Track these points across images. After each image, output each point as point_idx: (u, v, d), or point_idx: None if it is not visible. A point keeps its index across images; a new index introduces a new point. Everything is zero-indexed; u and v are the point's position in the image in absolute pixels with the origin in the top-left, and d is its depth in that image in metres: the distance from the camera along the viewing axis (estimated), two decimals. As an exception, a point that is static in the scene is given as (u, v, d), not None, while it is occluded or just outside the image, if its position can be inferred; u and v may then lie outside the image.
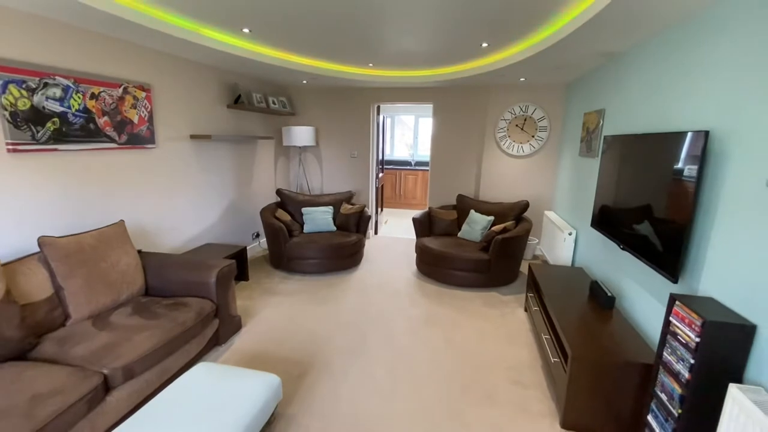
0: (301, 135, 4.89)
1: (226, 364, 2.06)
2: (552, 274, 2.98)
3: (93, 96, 2.55)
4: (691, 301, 1.54)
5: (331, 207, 4.63)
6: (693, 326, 1.46)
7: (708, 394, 1.42)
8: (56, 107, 2.33)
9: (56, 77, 2.31)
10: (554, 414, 2.04)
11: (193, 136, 3.46)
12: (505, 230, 3.72)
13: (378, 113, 5.43)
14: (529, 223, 3.86)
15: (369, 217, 4.49)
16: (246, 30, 2.86)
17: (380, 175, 5.82)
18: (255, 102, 4.22)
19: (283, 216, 4.26)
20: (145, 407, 1.65)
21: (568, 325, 2.13)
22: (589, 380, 1.88)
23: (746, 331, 1.38)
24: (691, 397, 1.45)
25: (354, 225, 4.45)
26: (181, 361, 2.20)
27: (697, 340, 1.43)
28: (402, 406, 2.08)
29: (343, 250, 4.03)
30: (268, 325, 2.94)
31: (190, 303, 2.39)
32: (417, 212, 4.47)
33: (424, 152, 8.33)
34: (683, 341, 1.51)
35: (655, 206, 1.97)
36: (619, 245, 2.35)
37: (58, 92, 2.33)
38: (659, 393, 1.66)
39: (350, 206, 4.59)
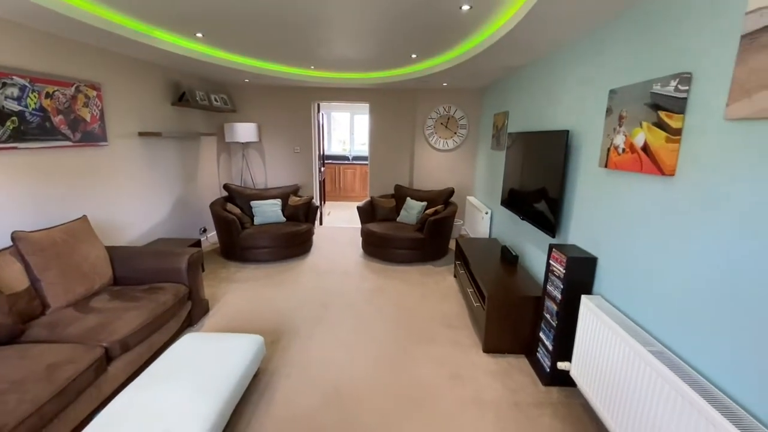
0: (243, 131, 5.08)
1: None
2: (474, 245, 3.69)
3: (48, 95, 2.61)
4: (561, 248, 2.27)
5: (279, 200, 4.92)
6: (561, 263, 2.18)
7: (571, 305, 2.14)
8: (14, 106, 2.39)
9: (13, 77, 2.37)
10: (478, 344, 2.71)
11: (141, 134, 3.54)
12: (436, 213, 4.39)
13: (318, 111, 5.79)
14: (455, 206, 4.59)
15: (317, 208, 4.88)
16: (199, 35, 3.09)
17: (322, 169, 6.20)
18: (198, 99, 4.34)
19: (233, 209, 4.46)
20: (149, 369, 1.92)
21: (485, 278, 2.81)
22: (500, 314, 2.55)
23: (592, 262, 2.12)
24: (561, 310, 2.17)
25: (303, 215, 4.81)
26: (164, 337, 2.46)
27: (564, 271, 2.15)
28: (363, 353, 2.58)
29: (294, 238, 4.39)
30: (233, 307, 3.22)
31: (166, 287, 2.63)
32: (358, 203, 4.97)
33: (360, 148, 8.84)
34: (557, 274, 2.23)
35: (541, 186, 2.70)
36: (520, 217, 3.09)
37: (15, 91, 2.39)
38: (545, 314, 2.38)
39: (297, 198, 4.93)
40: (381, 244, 4.36)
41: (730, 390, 1.26)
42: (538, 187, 2.74)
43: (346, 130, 9.06)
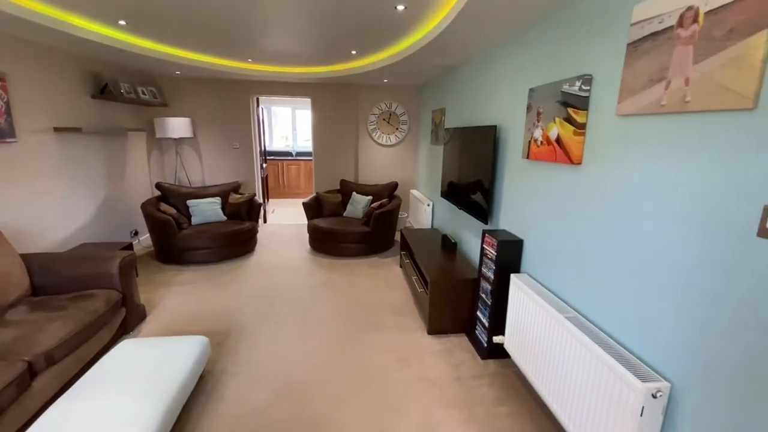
0: (176, 126, 4.81)
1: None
2: (417, 235, 3.87)
3: (-63, 85, 2.29)
4: (492, 233, 2.48)
5: (219, 198, 4.74)
6: (493, 246, 2.39)
7: (503, 284, 2.36)
8: None
9: None
10: (423, 328, 2.87)
11: (57, 129, 3.22)
12: (381, 206, 4.51)
13: (258, 105, 5.63)
14: (399, 199, 4.75)
15: (260, 205, 4.77)
16: (122, 22, 2.88)
17: (264, 165, 6.04)
18: (123, 92, 4.03)
19: (168, 209, 4.22)
20: (83, 379, 1.81)
21: (428, 265, 2.97)
22: (442, 298, 2.73)
23: (519, 244, 2.35)
24: (494, 289, 2.38)
25: (245, 213, 4.67)
26: (96, 347, 2.30)
27: (496, 254, 2.36)
28: (313, 345, 2.62)
29: (237, 237, 4.26)
30: (173, 311, 3.08)
31: (96, 294, 2.45)
32: (303, 200, 4.94)
33: (304, 143, 8.71)
34: (490, 257, 2.44)
35: (475, 177, 2.91)
36: (457, 207, 3.31)
37: None
38: (481, 294, 2.59)
39: (239, 196, 4.78)
40: (328, 239, 4.39)
41: (623, 340, 1.51)
42: (473, 179, 2.95)
43: (289, 125, 8.88)
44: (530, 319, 2.01)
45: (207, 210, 4.52)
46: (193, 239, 4.03)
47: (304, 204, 4.74)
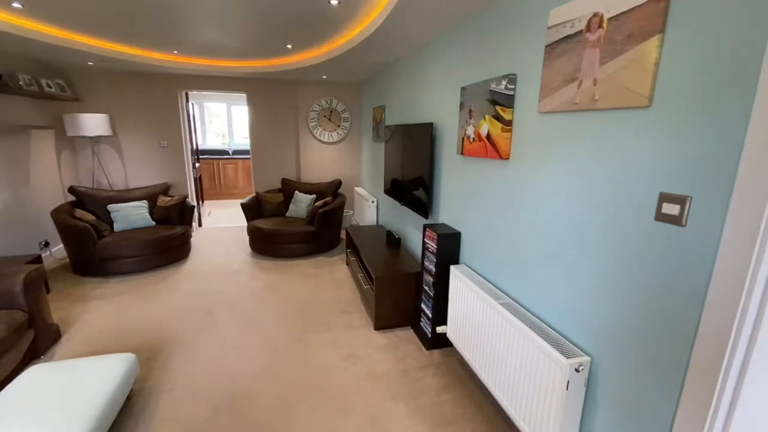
0: (91, 123, 4.33)
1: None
2: (363, 233, 3.87)
3: None
4: (432, 227, 2.55)
5: (145, 201, 4.36)
6: (433, 240, 2.45)
7: (443, 275, 2.44)
8: None
9: None
10: (370, 324, 2.88)
11: (-66, 126, 2.75)
12: (325, 205, 4.44)
13: (187, 100, 5.25)
14: (344, 197, 4.71)
15: (193, 207, 4.46)
16: (16, 4, 2.52)
17: (197, 165, 5.66)
18: (23, 85, 3.54)
19: (84, 216, 3.80)
20: (-23, 416, 1.57)
21: (373, 262, 2.98)
22: (387, 293, 2.76)
23: (457, 237, 2.44)
24: (436, 281, 2.45)
25: (177, 217, 4.35)
26: (-4, 377, 2.00)
27: (436, 247, 2.42)
28: (255, 351, 2.51)
29: (167, 243, 3.95)
30: (94, 328, 2.78)
31: (-7, 315, 2.13)
32: (242, 200, 4.72)
33: (241, 141, 8.30)
34: (431, 250, 2.51)
35: (415, 173, 2.97)
36: (400, 203, 3.35)
37: None
38: (424, 287, 2.65)
39: (168, 198, 4.43)
40: (270, 240, 4.23)
41: (550, 320, 1.63)
42: (413, 175, 3.00)
43: (224, 121, 8.40)
44: (469, 308, 2.10)
45: (132, 215, 4.13)
46: (117, 248, 3.66)
47: (242, 205, 4.53)
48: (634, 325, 1.24)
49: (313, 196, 4.79)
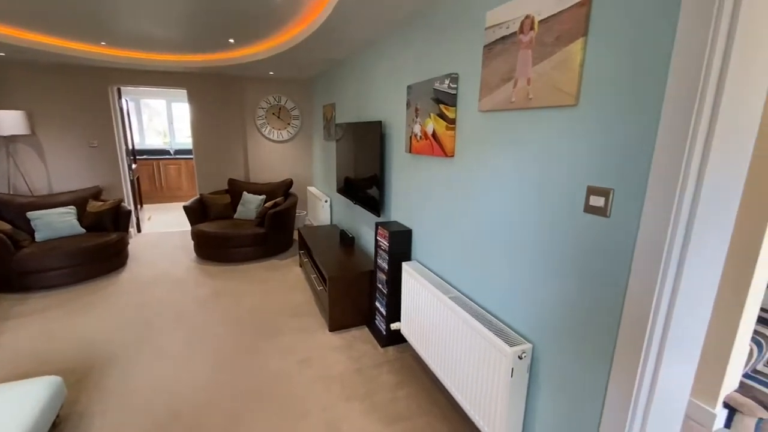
0: (4, 121, 3.86)
1: (-26, 390, 1.78)
2: (316, 233, 3.79)
3: None
4: (384, 225, 2.55)
5: (73, 207, 3.97)
6: (386, 238, 2.46)
7: (396, 273, 2.46)
8: None
9: None
10: (325, 326, 2.83)
11: None
12: (276, 205, 4.30)
13: (120, 96, 4.84)
14: (296, 197, 4.60)
15: (129, 212, 4.13)
16: None
17: (134, 166, 5.25)
18: None
19: (-2, 225, 3.38)
20: None
21: (326, 262, 2.94)
22: (341, 293, 2.73)
23: (408, 234, 2.46)
24: (389, 279, 2.46)
25: (111, 223, 4.00)
26: None
27: (388, 244, 2.43)
28: (202, 363, 2.38)
29: (100, 252, 3.63)
30: (12, 351, 2.48)
31: None
32: (185, 203, 4.45)
33: (184, 140, 7.82)
34: (383, 248, 2.51)
35: (366, 171, 2.96)
36: (353, 202, 3.33)
37: None
38: (378, 285, 2.65)
39: (100, 203, 4.07)
40: (217, 244, 4.03)
41: (495, 311, 1.69)
42: (364, 174, 2.99)
43: (165, 119, 7.87)
44: (421, 303, 2.13)
45: (56, 222, 3.74)
46: (39, 259, 3.30)
47: (185, 208, 4.26)
48: (568, 311, 1.32)
49: (263, 196, 4.63)
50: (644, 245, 1.05)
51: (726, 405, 1.91)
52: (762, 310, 2.38)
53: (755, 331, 2.12)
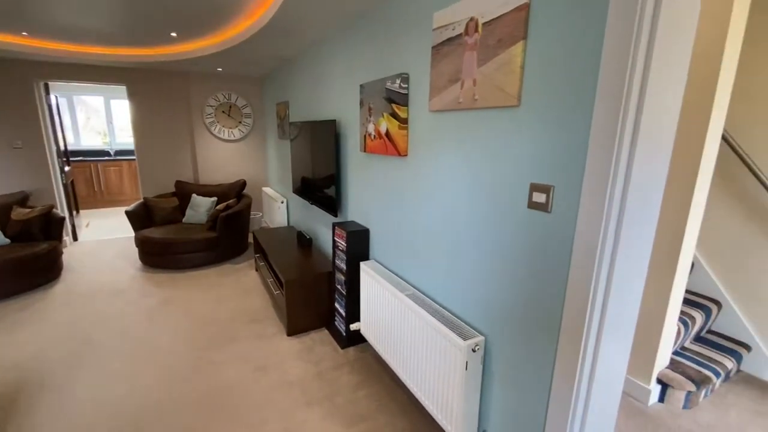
0: None
1: None
2: (272, 235, 3.68)
3: None
4: (342, 225, 2.53)
5: (-6, 215, 3.57)
6: (343, 238, 2.44)
7: (355, 273, 2.45)
8: None
9: None
10: (283, 330, 2.76)
11: None
12: (228, 208, 4.13)
13: (47, 92, 4.41)
14: (249, 198, 4.43)
15: (62, 219, 3.78)
16: None
17: (67, 168, 4.82)
18: None
19: None
20: None
21: (283, 265, 2.86)
22: (299, 296, 2.67)
23: (365, 233, 2.46)
24: (348, 279, 2.45)
25: (40, 231, 3.64)
26: None
27: (346, 245, 2.41)
28: (150, 376, 2.23)
29: (28, 264, 3.29)
30: None
31: None
32: (127, 208, 4.15)
33: (126, 140, 7.29)
34: (341, 248, 2.49)
35: (322, 171, 2.92)
36: (310, 202, 3.27)
37: None
38: (337, 286, 2.63)
39: (27, 210, 3.69)
40: (164, 251, 3.79)
41: (449, 306, 1.73)
42: (320, 174, 2.95)
43: (103, 118, 7.28)
44: (379, 302, 2.13)
45: (-26, 233, 3.34)
46: (-48, 275, 2.93)
47: (127, 213, 3.98)
48: (517, 303, 1.37)
49: (214, 198, 4.42)
50: (582, 237, 1.11)
51: (659, 381, 2.09)
52: (687, 292, 2.63)
53: (682, 312, 2.33)
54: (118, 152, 7.07)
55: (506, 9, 1.28)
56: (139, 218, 4.05)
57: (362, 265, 2.32)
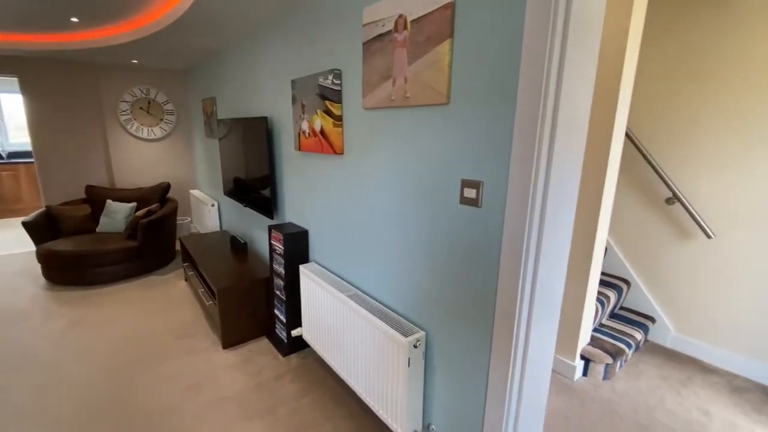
0: None
1: None
2: (202, 242, 3.42)
3: None
4: (278, 227, 2.42)
5: None
6: (280, 241, 2.33)
7: (294, 277, 2.35)
8: None
9: None
10: (217, 343, 2.58)
11: None
12: (150, 213, 3.76)
13: None
14: (175, 202, 4.08)
15: (-64, 235, 3.17)
16: None
17: (-59, 175, 4.06)
18: None
19: None
20: None
21: (215, 273, 2.67)
22: (234, 305, 2.51)
23: (304, 235, 2.37)
24: (287, 284, 2.35)
25: None
26: None
27: (283, 248, 2.31)
28: (59, 413, 1.95)
29: None
30: None
31: None
32: (24, 219, 3.61)
33: (22, 139, 6.33)
34: (279, 252, 2.38)
35: (255, 171, 2.77)
36: (243, 205, 3.09)
37: None
38: (276, 291, 2.51)
39: None
40: (75, 265, 3.35)
41: (391, 303, 1.73)
42: (253, 174, 2.79)
43: (-11, 115, 6.25)
44: (321, 305, 2.07)
45: None
46: None
47: (25, 224, 3.45)
48: (454, 296, 1.41)
49: (133, 204, 4.01)
50: (510, 229, 1.16)
51: (582, 357, 2.28)
52: (602, 274, 2.91)
53: (599, 292, 2.57)
54: (12, 154, 6.12)
55: (433, 7, 1.29)
56: (41, 229, 3.54)
57: (302, 268, 2.24)
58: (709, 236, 2.31)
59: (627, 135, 2.56)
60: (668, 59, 2.41)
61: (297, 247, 2.35)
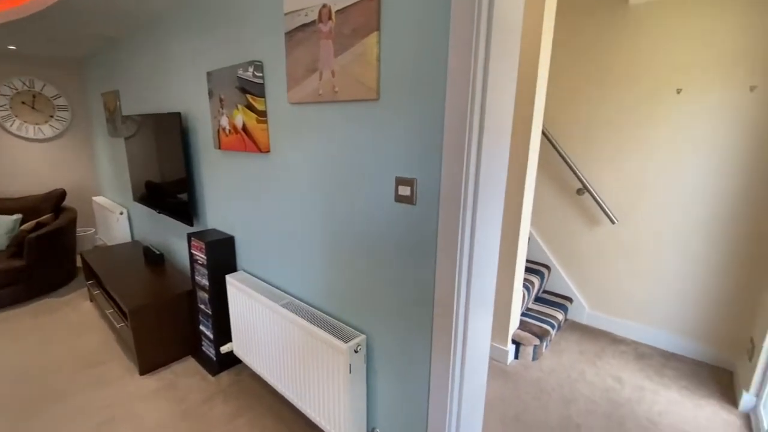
0: None
1: None
2: (108, 255, 3.01)
3: None
4: (200, 234, 2.20)
5: None
6: (202, 250, 2.12)
7: (220, 288, 2.16)
8: None
9: None
10: (133, 369, 2.27)
11: None
12: (40, 226, 3.21)
13: None
14: (73, 211, 3.54)
15: None
16: None
17: None
18: None
19: None
20: None
21: (125, 290, 2.35)
22: (151, 325, 2.23)
23: (230, 242, 2.18)
24: (213, 296, 2.14)
25: None
26: None
27: (206, 257, 2.10)
28: None
29: None
30: None
31: None
32: None
33: None
34: (201, 262, 2.16)
35: (168, 174, 2.49)
36: (157, 211, 2.76)
37: None
38: (200, 306, 2.28)
39: None
40: (-64, 293, 2.74)
41: (328, 308, 1.66)
42: (169, 176, 2.51)
43: None
44: (253, 317, 1.92)
45: None
46: None
47: None
48: (393, 295, 1.38)
49: (18, 216, 3.39)
50: (444, 225, 1.16)
51: (513, 341, 2.41)
52: (527, 261, 3.11)
53: (525, 279, 2.74)
54: None
55: (357, -2, 1.24)
56: None
57: (228, 278, 2.06)
58: (613, 222, 2.58)
59: (543, 132, 2.76)
60: (576, 59, 2.64)
61: (222, 255, 2.16)
